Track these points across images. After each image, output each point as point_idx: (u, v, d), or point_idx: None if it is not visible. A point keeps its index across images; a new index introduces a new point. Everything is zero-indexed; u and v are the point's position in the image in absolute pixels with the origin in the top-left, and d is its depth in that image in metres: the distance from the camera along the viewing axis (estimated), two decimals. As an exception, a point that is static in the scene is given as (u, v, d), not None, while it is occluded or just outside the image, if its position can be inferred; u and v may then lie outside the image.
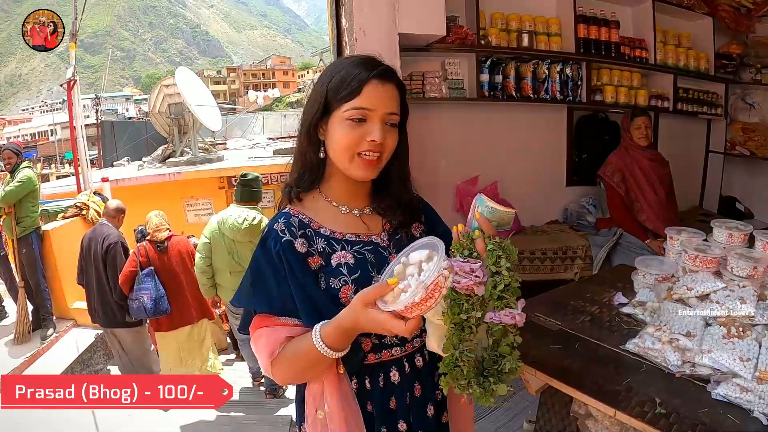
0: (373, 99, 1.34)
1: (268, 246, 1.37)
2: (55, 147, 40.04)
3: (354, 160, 1.36)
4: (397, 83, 1.41)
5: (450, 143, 4.29)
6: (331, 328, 1.23)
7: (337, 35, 3.41)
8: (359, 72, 1.36)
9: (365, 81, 1.34)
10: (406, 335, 1.14)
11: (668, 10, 5.04)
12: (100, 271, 5.16)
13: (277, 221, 1.41)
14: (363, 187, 1.50)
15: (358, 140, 1.34)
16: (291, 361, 1.31)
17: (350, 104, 1.34)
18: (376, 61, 1.40)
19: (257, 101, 27.29)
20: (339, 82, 1.37)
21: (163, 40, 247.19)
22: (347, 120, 1.34)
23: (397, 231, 1.51)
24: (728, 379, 1.71)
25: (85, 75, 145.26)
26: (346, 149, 1.35)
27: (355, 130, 1.34)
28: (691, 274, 2.11)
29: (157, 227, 5.20)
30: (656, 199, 4.12)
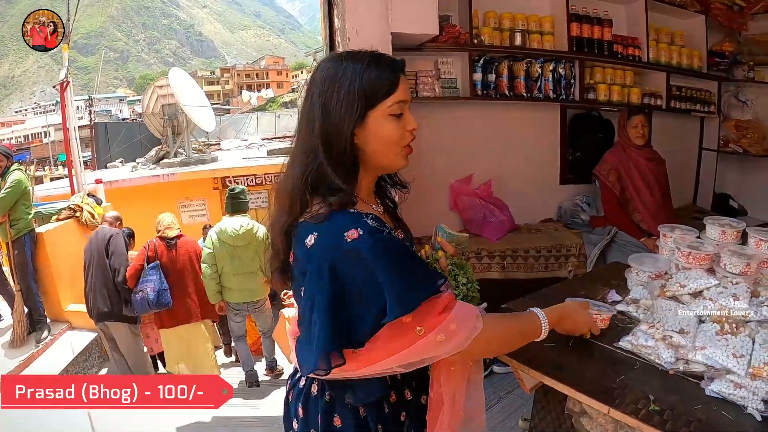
0: (405, 91, 1.41)
1: (386, 237, 1.33)
2: (49, 149, 39.90)
3: (402, 153, 1.43)
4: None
5: (443, 142, 4.29)
6: (555, 316, 1.63)
7: (330, 35, 3.42)
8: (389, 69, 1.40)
9: (398, 76, 1.40)
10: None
11: (661, 8, 5.05)
12: (102, 258, 5.34)
13: (363, 219, 1.33)
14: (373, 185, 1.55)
15: (402, 132, 1.40)
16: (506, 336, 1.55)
17: (392, 99, 1.37)
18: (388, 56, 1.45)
19: (251, 101, 27.32)
20: (374, 82, 1.37)
21: (157, 40, 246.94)
22: (390, 116, 1.38)
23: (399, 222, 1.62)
24: (722, 375, 1.71)
25: (78, 76, 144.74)
26: (396, 143, 1.41)
27: (399, 123, 1.39)
28: (684, 271, 2.11)
29: (169, 226, 5.50)
30: (652, 199, 4.13)
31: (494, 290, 3.79)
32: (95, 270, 5.34)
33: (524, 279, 4.11)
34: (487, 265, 4.09)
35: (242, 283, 5.24)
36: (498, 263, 4.10)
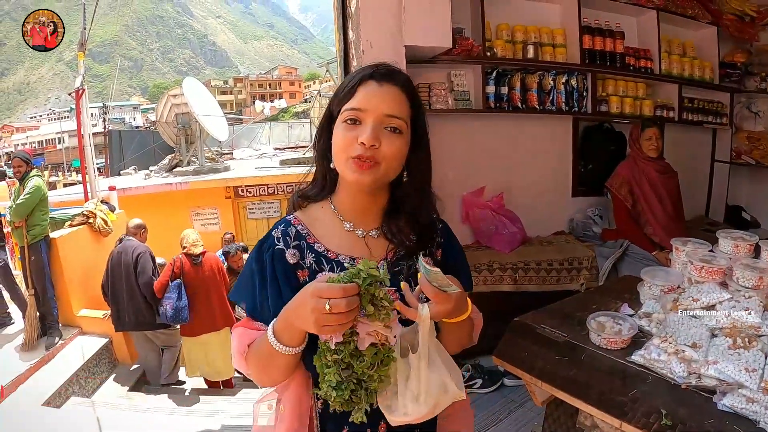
0: (366, 99, 1.29)
1: (263, 249, 1.36)
2: (63, 155, 40.21)
3: (348, 164, 1.28)
4: (401, 85, 1.34)
5: (456, 154, 4.29)
6: (279, 320, 1.20)
7: (344, 47, 3.44)
8: (357, 73, 1.34)
9: (359, 81, 1.31)
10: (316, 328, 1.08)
11: (672, 19, 5.03)
12: (131, 280, 5.74)
13: (277, 227, 1.40)
14: (374, 204, 1.42)
15: (350, 142, 1.27)
16: (255, 358, 1.31)
17: (346, 105, 1.30)
18: (382, 64, 1.36)
19: (264, 111, 27.41)
20: (341, 86, 1.36)
21: (171, 49, 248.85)
22: (343, 123, 1.30)
23: (399, 262, 1.40)
24: (734, 389, 1.71)
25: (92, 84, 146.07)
26: (340, 151, 1.30)
27: (349, 132, 1.28)
28: (697, 285, 2.11)
29: (194, 243, 5.92)
30: (663, 212, 4.12)
31: (506, 303, 3.81)
32: (125, 284, 5.75)
33: (536, 292, 4.10)
34: (499, 277, 4.08)
35: None
36: (510, 276, 4.09)
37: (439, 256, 1.48)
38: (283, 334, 1.19)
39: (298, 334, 1.18)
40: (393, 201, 1.43)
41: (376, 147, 1.26)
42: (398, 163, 1.33)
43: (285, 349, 1.19)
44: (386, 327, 1.13)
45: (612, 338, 2.11)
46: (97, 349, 6.08)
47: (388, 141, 1.28)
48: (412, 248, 1.40)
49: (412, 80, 1.39)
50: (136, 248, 5.92)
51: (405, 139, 1.32)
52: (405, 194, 1.41)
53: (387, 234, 1.41)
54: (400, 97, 1.32)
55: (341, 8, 3.45)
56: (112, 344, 6.37)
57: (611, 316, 2.26)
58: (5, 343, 5.94)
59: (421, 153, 1.40)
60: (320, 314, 1.06)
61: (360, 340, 1.12)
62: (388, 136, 1.28)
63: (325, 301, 1.05)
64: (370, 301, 1.10)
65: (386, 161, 1.29)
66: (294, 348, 1.20)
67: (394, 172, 1.34)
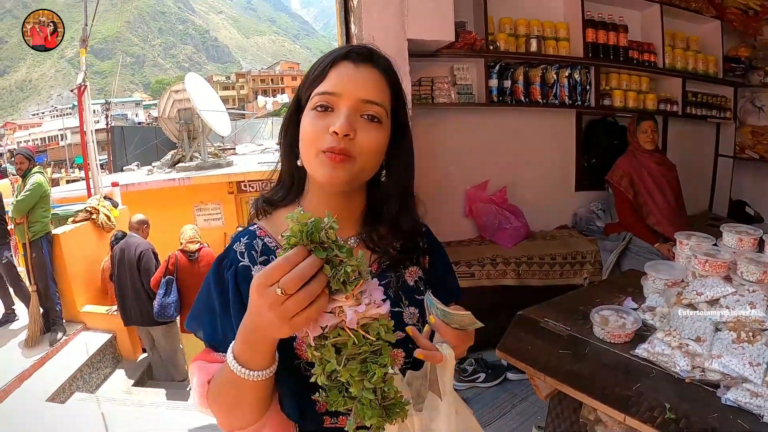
0: (340, 82, 1.09)
1: (223, 266, 1.15)
2: (65, 151, 40.22)
3: (317, 158, 1.07)
4: (381, 68, 1.14)
5: (459, 148, 4.29)
6: (238, 339, 0.92)
7: (347, 41, 3.44)
8: (330, 54, 1.15)
9: (332, 62, 1.12)
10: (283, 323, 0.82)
11: (676, 13, 5.02)
12: (135, 277, 5.80)
13: (239, 240, 1.18)
14: (349, 208, 1.21)
15: (320, 132, 1.06)
16: (218, 394, 1.03)
17: (316, 90, 1.10)
18: (358, 45, 1.16)
19: (266, 106, 27.47)
20: (311, 68, 1.16)
21: (173, 45, 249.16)
22: (312, 110, 1.09)
23: (385, 273, 1.21)
24: (738, 384, 1.71)
25: (95, 80, 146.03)
26: (308, 144, 1.09)
27: (319, 120, 1.07)
28: (701, 279, 2.11)
29: (191, 239, 5.90)
30: (665, 203, 4.11)
31: (509, 297, 3.81)
32: (129, 281, 5.83)
33: (539, 286, 4.10)
34: (502, 271, 4.08)
35: None
36: (513, 270, 4.09)
37: (426, 263, 1.30)
38: (246, 354, 0.92)
39: (266, 350, 0.91)
40: (370, 204, 1.24)
41: (351, 138, 1.06)
42: (376, 158, 1.13)
43: (251, 374, 0.92)
44: (349, 299, 0.83)
45: (616, 332, 2.11)
46: (101, 344, 6.10)
47: (364, 131, 1.08)
48: (397, 258, 1.22)
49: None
50: (139, 245, 5.95)
51: (385, 131, 1.13)
52: (385, 196, 1.22)
53: (368, 243, 1.21)
54: (380, 81, 1.13)
55: (343, 2, 3.45)
56: (116, 340, 6.38)
57: (615, 309, 2.26)
58: (9, 339, 5.96)
59: (403, 148, 1.21)
60: (278, 306, 0.80)
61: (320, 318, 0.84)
62: (365, 126, 1.08)
63: (274, 287, 0.80)
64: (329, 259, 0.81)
65: (363, 155, 1.08)
66: (262, 371, 0.92)
67: (372, 168, 1.14)
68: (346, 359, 0.84)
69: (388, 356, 0.86)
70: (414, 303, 1.21)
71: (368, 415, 0.86)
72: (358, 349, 0.84)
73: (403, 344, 1.11)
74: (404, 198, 1.23)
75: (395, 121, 1.17)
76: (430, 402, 1.05)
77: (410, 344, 1.11)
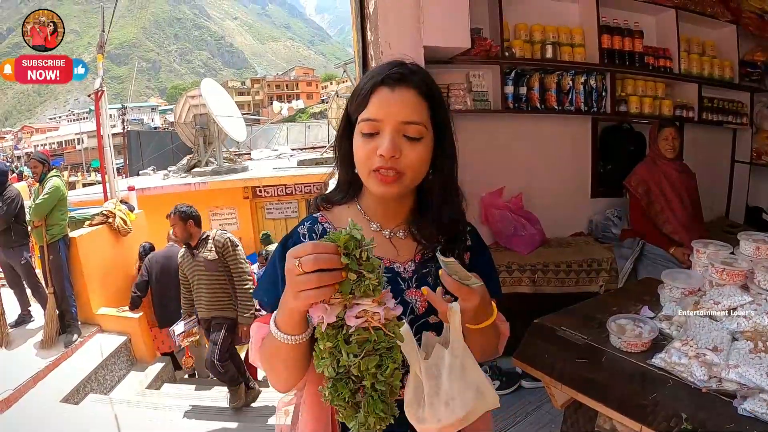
0: (380, 109, 1.21)
1: (287, 246, 1.19)
2: (82, 155, 40.64)
3: (371, 177, 1.22)
4: (415, 85, 1.24)
5: (475, 155, 4.27)
6: (279, 307, 1.08)
7: (363, 48, 3.44)
8: (368, 80, 1.25)
9: (371, 89, 1.22)
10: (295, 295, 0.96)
11: (691, 18, 4.99)
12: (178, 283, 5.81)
13: (303, 224, 1.36)
14: (400, 206, 1.35)
15: (370, 155, 1.20)
16: (265, 351, 1.20)
17: (361, 116, 1.23)
18: (393, 65, 1.26)
19: (281, 112, 27.55)
20: (356, 91, 1.28)
21: (188, 51, 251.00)
22: (361, 134, 1.23)
23: (427, 263, 1.33)
24: (755, 394, 1.69)
25: (111, 85, 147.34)
26: (361, 164, 1.24)
27: (367, 144, 1.21)
28: (718, 288, 2.09)
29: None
30: (682, 209, 4.08)
31: (524, 304, 3.80)
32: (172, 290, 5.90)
33: (554, 294, 4.08)
34: (518, 279, 4.07)
35: None
36: (528, 277, 4.07)
37: (467, 259, 1.39)
38: (281, 319, 1.07)
39: (294, 317, 1.05)
40: (419, 200, 1.37)
41: (397, 158, 1.19)
42: (423, 169, 1.26)
43: (284, 338, 1.07)
44: (375, 303, 0.95)
45: (632, 341, 2.09)
46: (116, 346, 6.13)
47: (409, 149, 1.20)
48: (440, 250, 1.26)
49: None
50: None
51: (427, 144, 1.24)
52: (429, 192, 1.34)
53: (414, 234, 1.34)
54: (416, 100, 1.23)
55: (359, 9, 3.46)
56: (131, 342, 6.42)
57: (631, 318, 2.25)
58: (25, 340, 6.01)
59: (445, 149, 1.32)
60: (293, 276, 0.95)
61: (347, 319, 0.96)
62: (409, 145, 1.21)
63: (296, 260, 0.93)
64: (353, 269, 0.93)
65: (410, 170, 1.22)
66: (293, 336, 1.07)
67: (421, 177, 1.27)
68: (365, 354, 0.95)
69: (398, 353, 0.99)
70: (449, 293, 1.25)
71: (379, 408, 0.97)
72: (377, 345, 0.96)
73: (436, 328, 1.25)
74: (447, 192, 1.34)
75: (436, 125, 1.28)
76: (437, 352, 1.15)
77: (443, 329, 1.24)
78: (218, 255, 4.85)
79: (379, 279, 0.95)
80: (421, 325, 1.27)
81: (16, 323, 6.36)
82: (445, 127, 1.31)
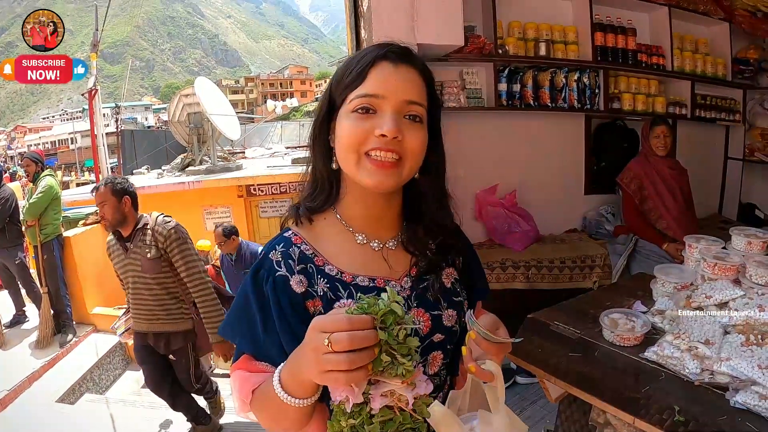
0: (382, 83, 1.06)
1: (260, 278, 1.11)
2: (76, 155, 40.50)
3: (361, 163, 1.06)
4: (419, 67, 1.12)
5: (468, 152, 4.28)
6: (286, 366, 0.96)
7: (357, 46, 3.45)
8: (365, 54, 1.10)
9: (371, 62, 1.08)
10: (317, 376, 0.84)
11: (684, 15, 5.01)
12: None
13: (274, 248, 1.15)
14: (389, 210, 1.19)
15: (364, 135, 1.04)
16: (262, 406, 1.06)
17: (355, 93, 1.07)
18: (390, 43, 1.12)
19: (275, 110, 27.45)
20: (343, 70, 1.12)
21: (182, 50, 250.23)
22: (352, 113, 1.06)
23: (424, 276, 1.19)
24: (747, 386, 1.71)
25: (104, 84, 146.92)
26: (350, 148, 1.06)
27: (362, 123, 1.05)
28: (710, 282, 2.11)
29: None
30: (675, 205, 4.09)
31: (518, 301, 3.81)
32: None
33: (548, 290, 4.10)
34: (512, 275, 4.08)
35: None
36: (522, 273, 4.08)
37: (460, 264, 1.29)
38: (290, 383, 0.94)
39: (308, 384, 0.91)
40: (407, 204, 1.23)
41: (399, 140, 1.04)
42: (421, 159, 1.11)
43: (294, 402, 0.93)
44: (405, 384, 0.84)
45: (625, 335, 2.12)
46: (111, 346, 6.12)
47: (411, 132, 1.06)
48: (434, 261, 1.20)
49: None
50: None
51: (425, 130, 1.11)
52: (423, 195, 1.20)
53: (407, 245, 1.20)
54: (419, 81, 1.11)
55: (353, 7, 3.47)
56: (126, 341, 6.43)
57: (624, 313, 2.27)
58: (20, 340, 6.01)
59: (438, 146, 1.19)
60: (320, 354, 0.82)
61: (372, 399, 0.85)
62: (410, 127, 1.06)
63: (325, 336, 0.81)
64: (384, 349, 0.82)
65: (411, 156, 1.07)
66: (305, 400, 0.94)
67: (417, 168, 1.12)
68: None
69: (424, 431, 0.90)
70: (452, 305, 1.20)
71: None
72: (402, 427, 0.88)
73: (440, 346, 1.16)
74: (441, 195, 1.22)
75: (430, 120, 1.14)
76: (483, 417, 1.04)
77: (448, 345, 1.17)
78: (161, 252, 3.57)
79: (415, 361, 0.84)
80: (427, 346, 1.14)
81: (11, 324, 6.36)
82: (437, 122, 1.19)
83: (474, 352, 1.01)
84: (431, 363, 1.15)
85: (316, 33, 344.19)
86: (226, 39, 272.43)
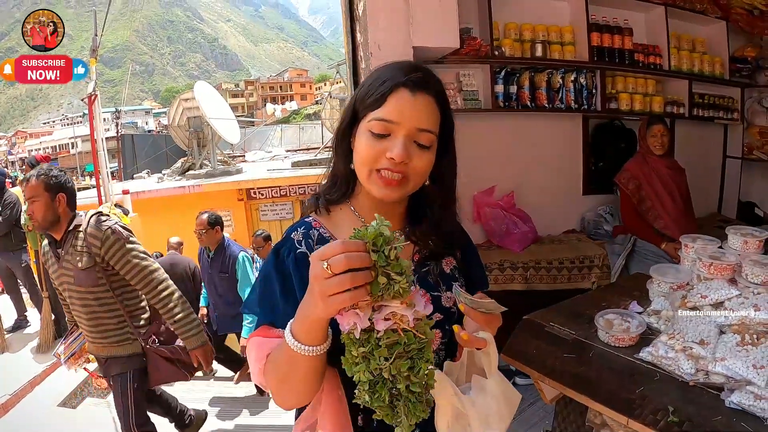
0: (398, 111, 1.16)
1: (282, 255, 1.24)
2: (76, 159, 40.45)
3: (372, 177, 1.19)
4: (434, 93, 1.22)
5: (466, 154, 4.23)
6: (296, 315, 1.01)
7: (353, 49, 3.45)
8: (388, 78, 1.20)
9: (391, 89, 1.17)
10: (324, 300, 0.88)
11: (681, 15, 5.01)
12: (189, 289, 5.99)
13: (296, 230, 1.28)
14: (396, 207, 1.33)
15: (377, 155, 1.17)
16: (274, 368, 1.11)
17: (373, 114, 1.18)
18: (414, 67, 1.22)
19: (275, 114, 27.50)
20: (367, 87, 1.22)
21: (182, 54, 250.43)
22: (368, 132, 1.18)
23: (425, 262, 1.33)
24: (742, 386, 1.71)
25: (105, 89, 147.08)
26: (364, 164, 1.19)
27: (376, 143, 1.17)
28: (706, 282, 2.11)
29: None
30: (673, 205, 4.10)
31: (517, 302, 3.80)
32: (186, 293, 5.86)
33: (547, 290, 4.10)
34: (510, 276, 4.08)
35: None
36: (521, 274, 4.08)
37: (459, 255, 1.42)
38: (301, 329, 0.99)
39: (317, 326, 0.97)
40: (414, 203, 1.36)
41: (407, 163, 1.16)
42: (424, 178, 1.24)
43: (305, 349, 0.99)
44: (405, 305, 0.91)
45: (620, 336, 2.12)
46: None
47: (418, 156, 1.18)
48: (436, 250, 1.34)
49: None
50: (190, 262, 6.32)
51: (434, 152, 1.23)
52: (430, 201, 1.34)
53: (411, 237, 1.32)
54: (433, 108, 1.21)
55: (349, 11, 3.47)
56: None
57: (619, 313, 2.27)
58: (22, 344, 6.02)
59: (448, 158, 1.33)
60: (321, 280, 0.87)
61: (376, 323, 0.90)
62: (418, 152, 1.18)
63: (324, 262, 0.87)
64: (379, 272, 0.88)
65: (415, 177, 1.20)
66: (315, 347, 0.99)
67: (420, 184, 1.25)
68: (396, 357, 0.91)
69: (430, 353, 0.95)
70: (450, 288, 1.32)
71: (420, 410, 0.94)
72: (408, 347, 0.92)
73: (439, 325, 1.27)
74: (447, 203, 1.36)
75: (442, 136, 1.26)
76: (477, 383, 1.15)
77: (446, 325, 1.29)
78: (94, 260, 2.94)
79: (408, 279, 0.89)
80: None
81: (13, 328, 6.38)
82: (449, 135, 1.31)
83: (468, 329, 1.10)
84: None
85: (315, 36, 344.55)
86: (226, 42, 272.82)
